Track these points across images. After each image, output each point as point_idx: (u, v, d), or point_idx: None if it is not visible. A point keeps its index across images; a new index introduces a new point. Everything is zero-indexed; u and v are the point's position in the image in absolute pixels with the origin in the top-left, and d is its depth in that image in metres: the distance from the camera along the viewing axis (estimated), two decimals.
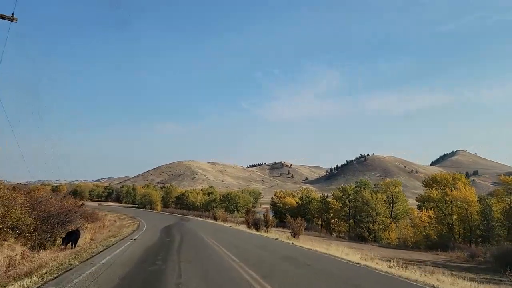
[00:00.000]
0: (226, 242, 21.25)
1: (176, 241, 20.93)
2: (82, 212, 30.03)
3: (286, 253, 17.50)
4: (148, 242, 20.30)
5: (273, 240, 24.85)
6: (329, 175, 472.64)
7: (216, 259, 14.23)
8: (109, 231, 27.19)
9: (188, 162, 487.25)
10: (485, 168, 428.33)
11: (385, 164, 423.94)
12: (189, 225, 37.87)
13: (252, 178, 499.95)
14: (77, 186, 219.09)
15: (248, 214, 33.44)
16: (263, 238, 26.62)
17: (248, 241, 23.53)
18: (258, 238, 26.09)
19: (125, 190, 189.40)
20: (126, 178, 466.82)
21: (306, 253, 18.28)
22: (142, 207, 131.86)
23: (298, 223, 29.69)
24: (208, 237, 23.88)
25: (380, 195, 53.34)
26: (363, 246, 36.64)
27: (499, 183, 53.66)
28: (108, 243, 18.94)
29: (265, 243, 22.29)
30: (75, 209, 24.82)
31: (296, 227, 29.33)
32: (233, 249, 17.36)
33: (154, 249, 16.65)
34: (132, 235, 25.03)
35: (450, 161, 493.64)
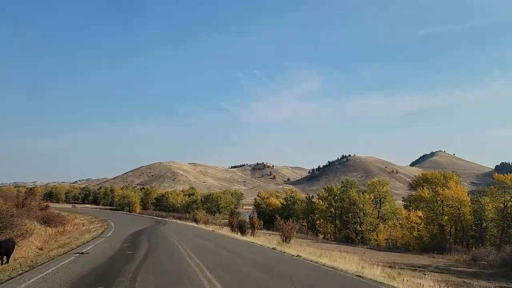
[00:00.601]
0: (210, 255, 16.58)
1: (138, 256, 15.79)
2: (44, 215, 26.60)
3: (301, 278, 11.63)
4: (100, 257, 15.30)
5: (269, 251, 19.34)
6: (311, 175, 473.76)
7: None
8: (69, 237, 23.23)
9: (168, 163, 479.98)
10: (463, 168, 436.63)
11: (366, 164, 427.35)
12: (164, 230, 33.62)
13: (234, 179, 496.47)
14: (52, 188, 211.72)
15: (232, 216, 29.90)
16: (255, 247, 21.50)
17: (238, 253, 17.89)
18: (249, 247, 21.16)
19: (103, 191, 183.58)
20: (104, 179, 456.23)
21: (318, 271, 13.37)
22: (120, 209, 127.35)
23: (290, 225, 26.77)
24: (185, 247, 19.27)
25: (367, 195, 51.43)
26: (355, 249, 34.47)
27: (477, 183, 52.35)
28: (42, 260, 14.15)
29: (264, 259, 16.20)
30: (18, 211, 20.66)
31: (287, 230, 26.33)
32: (222, 271, 12.06)
33: (96, 274, 11.47)
34: (87, 244, 20.54)
35: (429, 161, 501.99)
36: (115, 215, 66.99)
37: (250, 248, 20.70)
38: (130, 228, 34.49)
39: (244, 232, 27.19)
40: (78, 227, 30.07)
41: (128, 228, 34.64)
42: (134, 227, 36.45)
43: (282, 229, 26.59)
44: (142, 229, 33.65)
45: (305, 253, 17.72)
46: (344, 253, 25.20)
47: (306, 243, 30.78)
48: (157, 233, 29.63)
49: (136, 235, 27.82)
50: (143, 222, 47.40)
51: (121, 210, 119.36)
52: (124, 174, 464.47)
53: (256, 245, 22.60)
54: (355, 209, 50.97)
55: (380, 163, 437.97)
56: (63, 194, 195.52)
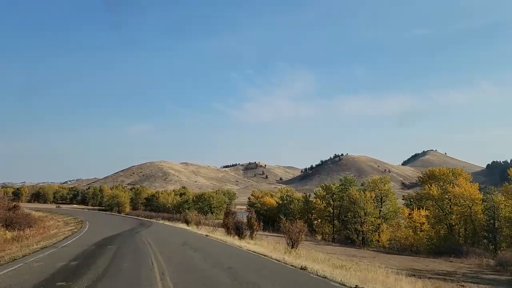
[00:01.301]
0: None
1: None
2: (9, 217, 23.20)
3: None
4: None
5: (283, 269, 13.41)
6: (304, 175, 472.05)
7: None
8: (22, 246, 18.68)
9: (160, 162, 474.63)
10: (455, 167, 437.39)
11: (359, 163, 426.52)
12: (145, 235, 26.93)
13: (226, 179, 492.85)
14: (40, 188, 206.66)
15: (228, 217, 26.07)
16: (262, 261, 15.78)
17: (243, 278, 11.43)
18: (255, 261, 15.52)
19: (92, 191, 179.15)
20: (95, 179, 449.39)
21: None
22: (109, 209, 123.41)
23: (298, 228, 22.02)
24: (165, 269, 12.54)
25: (368, 193, 48.60)
26: (361, 252, 31.55)
27: (471, 182, 49.48)
28: None
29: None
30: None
31: (294, 233, 21.80)
32: None
33: None
34: (18, 261, 14.29)
35: (421, 160, 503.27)
36: (98, 216, 62.18)
37: (257, 263, 15.11)
38: (104, 232, 28.63)
39: (242, 235, 23.89)
40: (47, 230, 26.20)
41: (102, 232, 28.92)
42: (110, 230, 30.50)
43: (288, 232, 22.29)
44: (118, 233, 27.82)
45: (325, 265, 14.15)
46: (353, 257, 22.31)
47: (308, 246, 27.79)
48: (133, 240, 23.27)
49: (105, 243, 22.09)
50: (124, 224, 41.24)
51: (110, 211, 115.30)
52: (114, 174, 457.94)
53: (262, 258, 16.78)
54: (356, 208, 48.17)
55: (373, 162, 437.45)
56: (51, 195, 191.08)
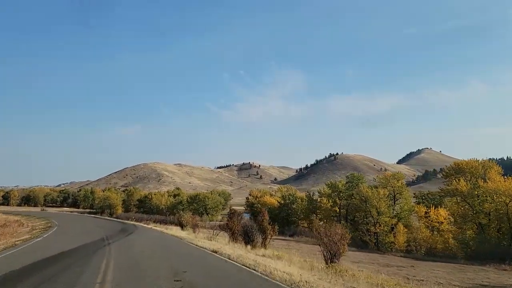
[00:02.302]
0: None
1: None
2: None
3: None
4: None
5: None
6: (299, 175, 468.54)
7: None
8: None
9: (153, 164, 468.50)
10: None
11: (354, 162, 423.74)
12: (117, 249, 18.39)
13: (220, 180, 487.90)
14: (30, 191, 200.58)
15: (233, 219, 20.65)
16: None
17: None
18: None
19: (83, 194, 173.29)
20: (87, 182, 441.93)
21: None
22: (101, 212, 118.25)
23: (338, 234, 15.15)
24: None
25: (382, 191, 44.32)
26: (390, 259, 27.14)
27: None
28: None
29: None
30: None
31: (334, 242, 14.90)
32: None
33: None
34: None
35: (416, 159, 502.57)
36: (78, 220, 53.92)
37: None
38: (65, 242, 20.19)
39: (253, 242, 18.56)
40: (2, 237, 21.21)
41: (63, 242, 20.68)
42: (75, 240, 21.72)
43: (322, 239, 15.34)
44: (80, 246, 18.80)
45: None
46: (388, 267, 17.90)
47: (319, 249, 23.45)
48: (87, 263, 13.87)
49: (42, 265, 13.42)
50: (101, 231, 31.66)
51: (101, 213, 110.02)
52: (107, 176, 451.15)
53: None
54: (368, 207, 43.90)
55: (368, 161, 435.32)
56: (41, 198, 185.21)
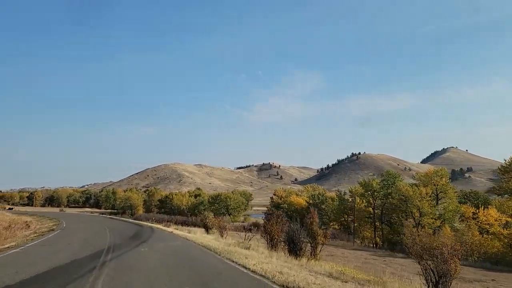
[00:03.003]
0: None
1: None
2: None
3: None
4: None
5: None
6: (320, 175, 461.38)
7: None
8: None
9: (174, 164, 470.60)
10: (478, 164, 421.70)
11: (378, 162, 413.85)
12: (119, 268, 11.80)
13: (241, 180, 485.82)
14: (54, 192, 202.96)
15: (271, 221, 16.40)
16: None
17: None
18: None
19: (104, 194, 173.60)
20: (110, 183, 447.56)
21: None
22: (122, 212, 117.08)
23: (448, 245, 9.58)
24: None
25: (424, 189, 39.98)
26: None
27: (495, 179, 40.86)
28: None
29: None
30: None
31: (441, 259, 9.53)
32: None
33: None
34: None
35: (442, 158, 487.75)
36: (92, 221, 46.81)
37: None
38: (59, 252, 15.64)
39: (300, 252, 14.51)
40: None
41: (57, 251, 15.90)
42: (74, 250, 16.44)
43: (421, 255, 10.04)
44: (72, 261, 13.48)
45: None
46: (466, 283, 13.87)
47: (366, 256, 19.53)
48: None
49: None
50: (111, 236, 24.88)
51: (122, 214, 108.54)
52: (129, 177, 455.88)
53: None
54: (409, 208, 39.62)
55: (392, 160, 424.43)
56: (64, 198, 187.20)
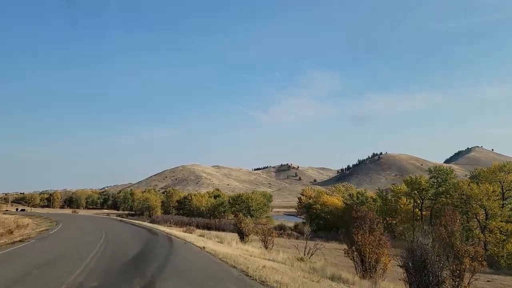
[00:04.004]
0: None
1: None
2: None
3: None
4: None
5: None
6: (340, 175, 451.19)
7: None
8: None
9: (192, 166, 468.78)
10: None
11: (400, 162, 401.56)
12: None
13: (259, 181, 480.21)
14: (72, 193, 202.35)
15: (363, 227, 11.31)
16: None
17: None
18: None
19: (122, 195, 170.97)
20: (129, 184, 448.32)
21: None
22: (139, 214, 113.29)
23: None
24: None
25: (490, 187, 33.52)
26: None
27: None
28: None
29: None
30: None
31: None
32: None
33: None
34: None
35: (466, 158, 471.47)
36: (95, 226, 38.10)
37: None
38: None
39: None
40: None
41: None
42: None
43: None
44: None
45: None
46: None
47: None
48: None
49: None
50: (98, 257, 14.70)
51: (140, 215, 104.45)
52: (148, 178, 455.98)
53: None
54: (473, 209, 33.22)
55: (415, 160, 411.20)
56: (83, 200, 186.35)
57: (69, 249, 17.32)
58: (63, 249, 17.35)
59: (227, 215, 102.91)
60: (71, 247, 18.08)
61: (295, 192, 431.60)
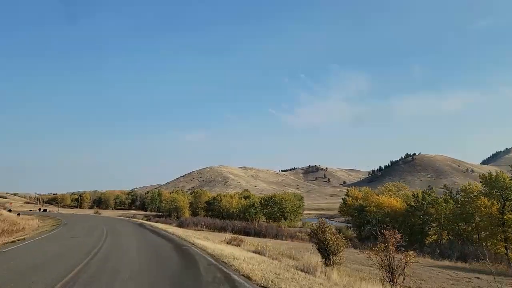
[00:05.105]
0: None
1: None
2: None
3: None
4: None
5: None
6: (372, 177, 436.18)
7: None
8: None
9: (219, 167, 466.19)
10: None
11: (435, 163, 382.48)
12: None
13: (286, 183, 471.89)
14: (101, 194, 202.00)
15: None
16: None
17: None
18: None
19: (150, 196, 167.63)
20: (157, 185, 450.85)
21: None
22: (167, 215, 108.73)
23: None
24: None
25: None
26: None
27: None
28: None
29: None
30: None
31: None
32: None
33: None
34: None
35: (505, 159, 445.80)
36: (114, 233, 28.40)
37: None
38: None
39: None
40: None
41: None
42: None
43: None
44: None
45: None
46: None
47: None
48: None
49: None
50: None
51: (167, 217, 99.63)
52: (175, 179, 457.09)
53: None
54: None
55: (451, 161, 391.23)
56: (111, 200, 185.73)
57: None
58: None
59: (259, 217, 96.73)
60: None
61: (324, 194, 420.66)
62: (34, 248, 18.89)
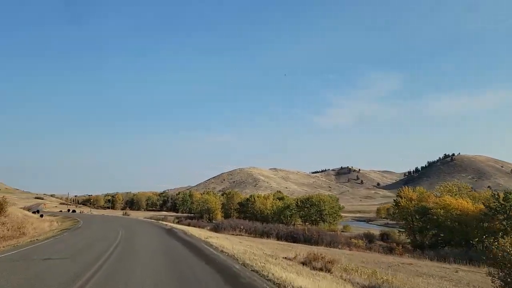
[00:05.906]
0: None
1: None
2: None
3: None
4: None
5: None
6: (407, 178, 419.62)
7: None
8: None
9: (249, 169, 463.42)
10: None
11: (477, 164, 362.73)
12: None
13: (318, 185, 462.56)
14: (134, 195, 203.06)
15: None
16: None
17: None
18: None
19: (181, 197, 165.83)
20: (188, 187, 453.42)
21: None
22: (199, 217, 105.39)
23: None
24: None
25: None
26: None
27: None
28: None
29: None
30: None
31: None
32: None
33: None
34: None
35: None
36: (133, 244, 20.53)
37: None
38: None
39: None
40: None
41: None
42: None
43: None
44: None
45: None
46: None
47: None
48: None
49: None
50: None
51: (199, 219, 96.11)
52: (206, 181, 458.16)
53: None
54: None
55: (493, 162, 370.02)
56: (143, 201, 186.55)
57: None
58: None
59: (295, 219, 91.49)
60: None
61: (358, 196, 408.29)
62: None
